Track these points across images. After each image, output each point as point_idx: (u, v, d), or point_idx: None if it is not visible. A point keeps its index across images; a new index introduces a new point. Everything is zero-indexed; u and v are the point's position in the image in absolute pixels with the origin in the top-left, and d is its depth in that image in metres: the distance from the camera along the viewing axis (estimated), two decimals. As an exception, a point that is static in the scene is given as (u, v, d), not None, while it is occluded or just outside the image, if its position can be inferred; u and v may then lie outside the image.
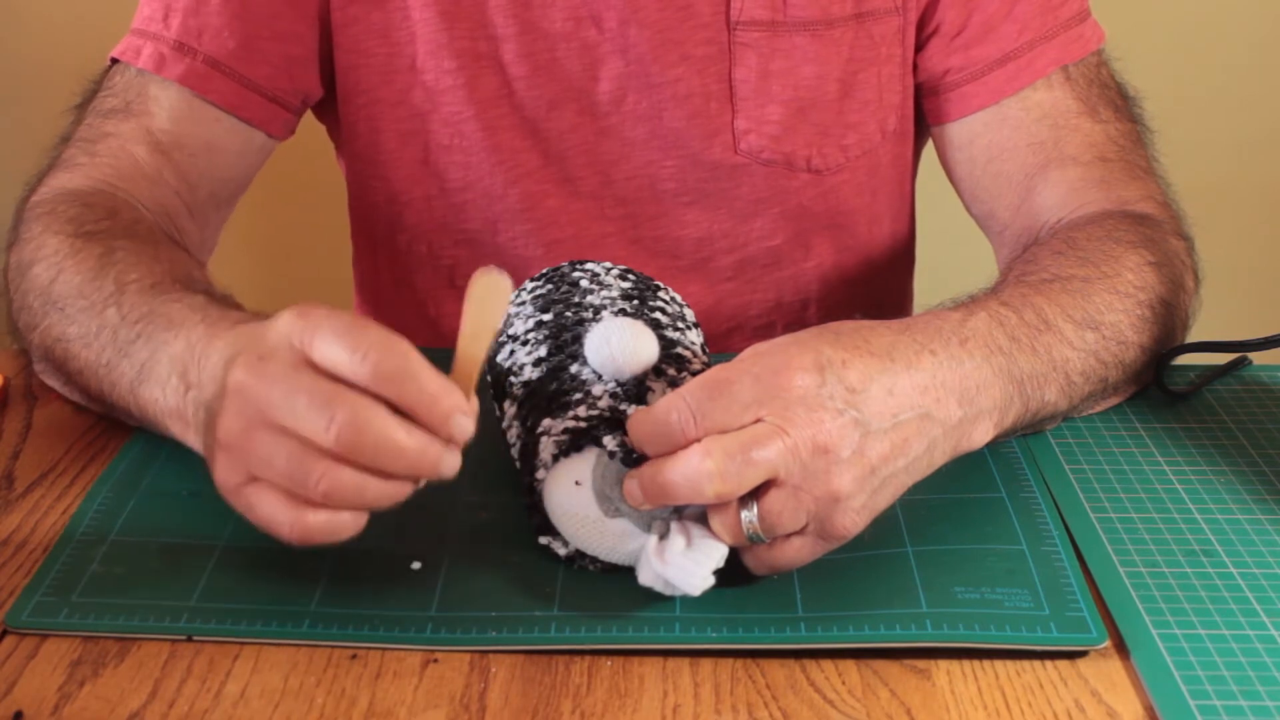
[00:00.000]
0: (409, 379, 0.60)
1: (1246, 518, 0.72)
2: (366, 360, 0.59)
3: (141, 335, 0.73)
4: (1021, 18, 0.95)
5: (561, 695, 0.61)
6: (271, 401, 0.60)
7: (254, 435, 0.61)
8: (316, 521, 0.61)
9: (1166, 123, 1.00)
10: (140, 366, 0.72)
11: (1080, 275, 0.78)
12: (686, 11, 0.96)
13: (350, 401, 0.59)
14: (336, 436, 0.59)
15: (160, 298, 0.74)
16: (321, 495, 0.60)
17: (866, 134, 1.00)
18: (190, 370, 0.69)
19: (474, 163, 0.99)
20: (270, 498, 0.61)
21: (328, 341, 0.60)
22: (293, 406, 0.59)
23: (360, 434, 0.59)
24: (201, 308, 0.72)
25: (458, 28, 0.96)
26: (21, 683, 0.61)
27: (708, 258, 1.02)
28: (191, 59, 0.93)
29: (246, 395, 0.61)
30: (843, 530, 0.63)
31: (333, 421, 0.59)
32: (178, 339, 0.71)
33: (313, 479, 0.59)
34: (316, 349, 0.60)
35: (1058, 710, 0.60)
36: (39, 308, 0.80)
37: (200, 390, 0.68)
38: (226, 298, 0.76)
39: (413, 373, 0.60)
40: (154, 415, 0.72)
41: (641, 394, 0.66)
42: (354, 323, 0.61)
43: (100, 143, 0.92)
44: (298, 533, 0.61)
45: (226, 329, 0.69)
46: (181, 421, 0.70)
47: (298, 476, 0.60)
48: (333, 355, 0.60)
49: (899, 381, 0.65)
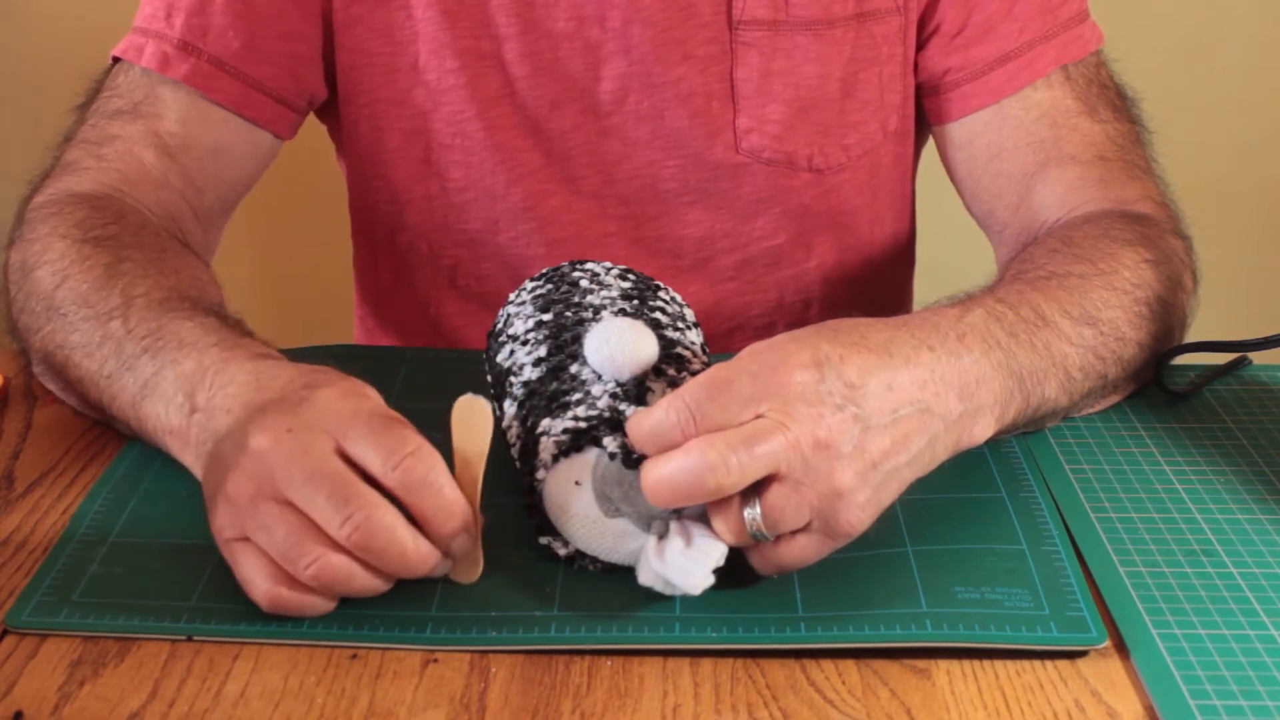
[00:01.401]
0: (432, 492, 0.62)
1: (1246, 518, 0.72)
2: (399, 469, 0.61)
3: (148, 350, 0.73)
4: (1021, 17, 0.96)
5: (561, 695, 0.61)
6: (291, 479, 0.61)
7: (260, 503, 0.62)
8: (288, 597, 0.63)
9: (1166, 123, 1.00)
10: (144, 382, 0.72)
11: (1077, 272, 0.78)
12: (689, 11, 0.96)
13: (369, 503, 0.61)
14: (349, 535, 0.61)
15: (169, 314, 0.75)
16: (309, 577, 0.62)
17: (868, 133, 1.00)
18: (199, 392, 0.69)
19: (475, 162, 0.99)
20: (255, 562, 0.63)
21: (364, 441, 0.62)
22: (312, 493, 0.61)
23: (373, 538, 0.61)
24: (215, 329, 0.73)
25: (460, 27, 0.96)
26: (21, 683, 0.61)
27: (709, 257, 1.02)
28: (196, 59, 0.93)
29: (265, 464, 0.62)
30: (848, 526, 0.63)
31: (349, 520, 0.61)
32: (188, 358, 0.71)
33: (305, 560, 0.61)
34: (350, 443, 0.62)
35: (1058, 710, 0.60)
36: (41, 312, 0.80)
37: (208, 417, 0.68)
38: (239, 322, 0.76)
39: (437, 487, 0.62)
40: (153, 430, 0.73)
41: (641, 394, 0.67)
42: (390, 424, 0.63)
43: (106, 145, 0.91)
44: (269, 601, 0.63)
45: (245, 359, 0.70)
46: (181, 441, 0.71)
47: (292, 554, 0.62)
48: (366, 456, 0.62)
49: (898, 377, 0.65)
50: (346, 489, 0.61)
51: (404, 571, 0.63)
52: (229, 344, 0.71)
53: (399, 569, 0.63)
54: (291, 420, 0.63)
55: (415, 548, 0.62)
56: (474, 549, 0.65)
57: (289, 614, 0.63)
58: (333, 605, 0.64)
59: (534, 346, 0.72)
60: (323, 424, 0.63)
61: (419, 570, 0.63)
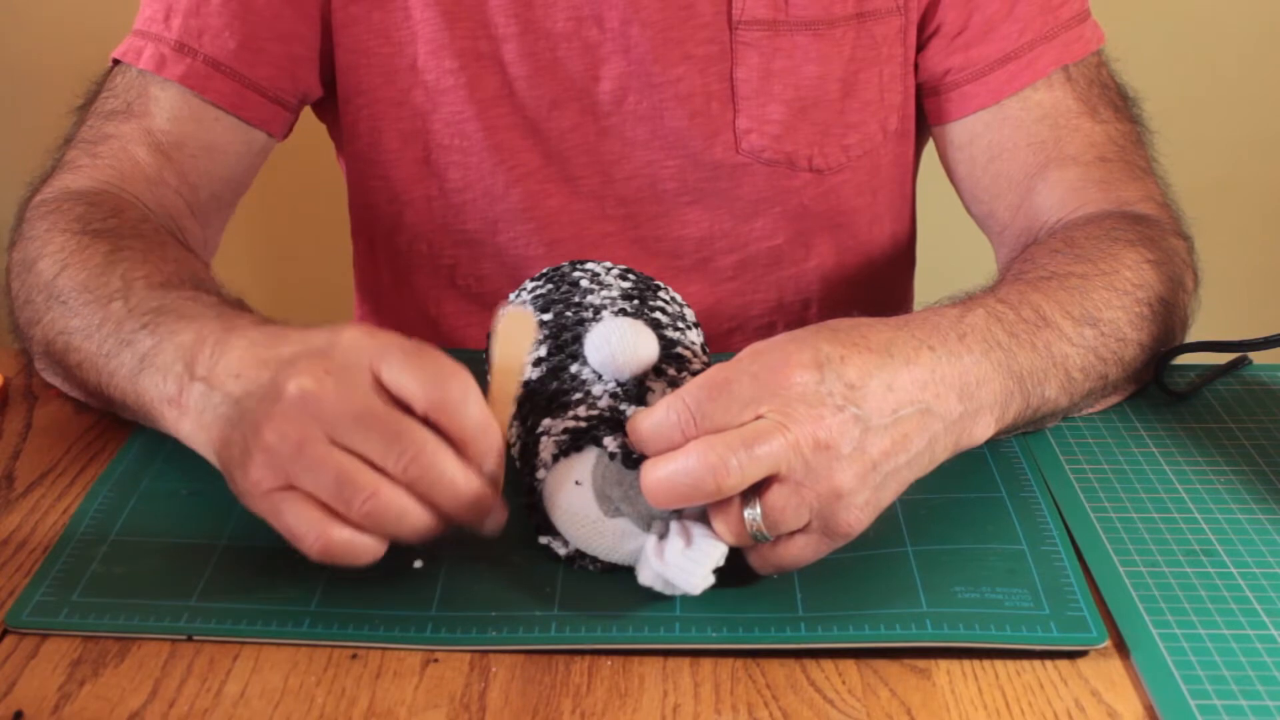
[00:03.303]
0: (466, 414, 0.62)
1: (1246, 518, 0.72)
2: (435, 390, 0.62)
3: (146, 326, 0.73)
4: (1022, 18, 0.96)
5: (561, 695, 0.61)
6: (338, 420, 0.61)
7: (309, 446, 0.61)
8: (341, 537, 0.62)
9: (1166, 123, 1.00)
10: (142, 356, 0.72)
11: (1078, 273, 0.78)
12: (688, 11, 0.96)
13: (420, 438, 0.61)
14: (405, 469, 0.61)
15: (171, 294, 0.74)
16: (362, 515, 0.61)
17: (868, 134, 1.00)
18: (199, 361, 0.69)
19: (475, 163, 0.99)
20: (302, 507, 0.62)
21: (399, 366, 0.62)
22: (364, 430, 0.61)
23: (428, 469, 0.61)
24: (215, 305, 0.73)
25: (459, 27, 0.96)
26: (21, 683, 0.61)
27: (709, 258, 1.03)
28: (192, 59, 0.93)
29: (311, 406, 0.62)
30: (847, 527, 0.63)
31: (403, 454, 0.61)
32: (188, 330, 0.71)
33: (360, 497, 0.61)
34: (388, 372, 0.62)
35: (1058, 710, 0.60)
36: (42, 302, 0.80)
37: (210, 385, 0.68)
38: (239, 300, 0.76)
39: (471, 408, 0.62)
40: (150, 402, 0.72)
41: (641, 394, 0.67)
42: (420, 349, 0.63)
43: (102, 144, 0.92)
44: (320, 545, 0.62)
45: (248, 327, 0.69)
46: (178, 410, 0.70)
47: (345, 494, 0.61)
48: (404, 383, 0.62)
49: (898, 377, 0.65)
50: (397, 424, 0.61)
51: (454, 506, 0.62)
52: (230, 316, 0.71)
53: (451, 500, 0.62)
54: (326, 363, 0.63)
55: (466, 478, 0.62)
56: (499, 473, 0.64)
57: (341, 558, 0.62)
58: (383, 549, 0.63)
59: (534, 346, 0.72)
60: (358, 360, 0.63)
61: (467, 507, 0.62)
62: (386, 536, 0.63)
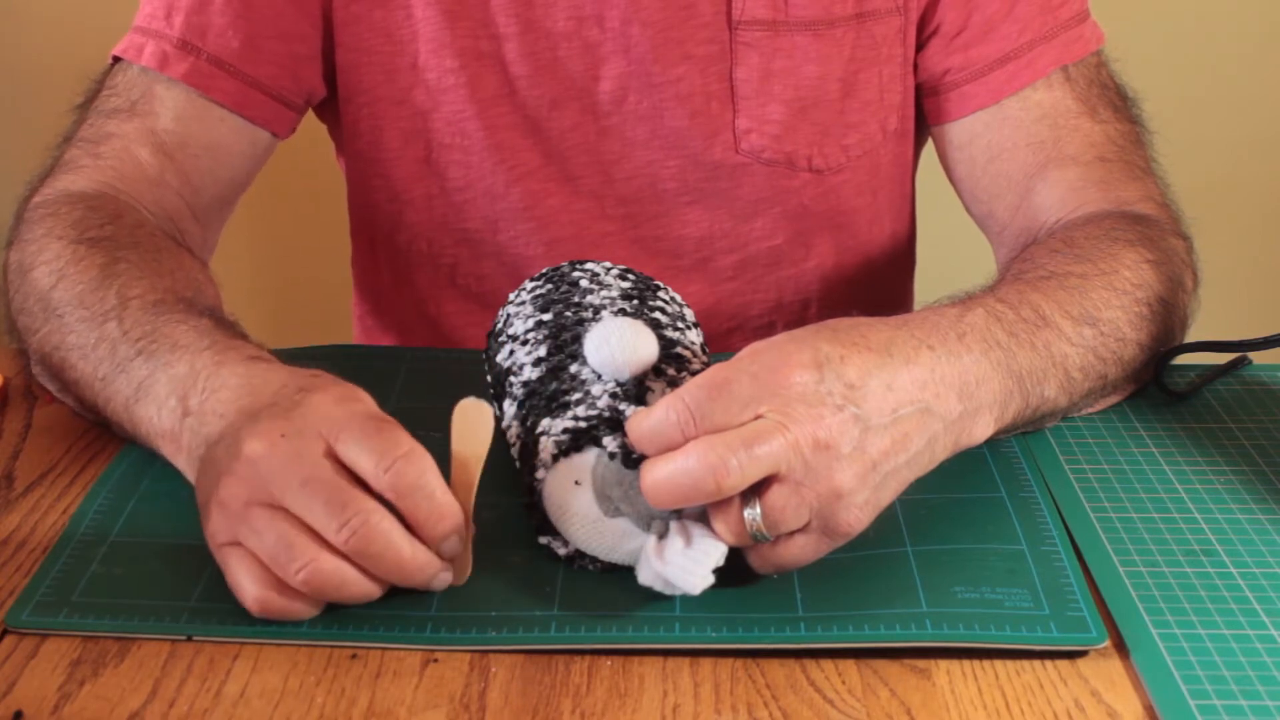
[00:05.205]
0: (424, 495, 0.62)
1: (1246, 518, 0.72)
2: (390, 472, 0.62)
3: (142, 353, 0.73)
4: (1021, 18, 0.96)
5: (561, 695, 0.61)
6: (286, 485, 0.62)
7: (253, 509, 0.62)
8: (279, 603, 0.63)
9: (1166, 123, 1.00)
10: (138, 385, 0.72)
11: (1077, 272, 0.78)
12: (688, 11, 0.96)
13: (365, 509, 0.61)
14: (346, 540, 0.61)
15: (163, 317, 0.75)
16: (300, 582, 0.62)
17: (868, 134, 1.00)
18: (191, 396, 0.69)
19: (475, 162, 0.99)
20: (246, 566, 0.63)
21: (355, 443, 0.62)
22: (308, 499, 0.61)
23: (369, 543, 0.61)
24: (208, 332, 0.73)
25: (460, 27, 0.96)
26: (21, 683, 0.61)
27: (708, 257, 1.02)
28: (195, 58, 0.93)
29: (259, 469, 0.62)
30: (846, 527, 0.63)
31: (345, 525, 0.61)
32: (180, 361, 0.71)
33: (295, 565, 0.61)
34: (342, 446, 0.62)
35: (1058, 710, 0.60)
36: (38, 313, 0.80)
37: (200, 421, 0.68)
38: (233, 324, 0.76)
39: (428, 489, 0.62)
40: (146, 433, 0.73)
41: (641, 394, 0.67)
42: (381, 427, 0.63)
43: (103, 144, 0.91)
44: (258, 606, 0.63)
45: (237, 362, 0.70)
46: (174, 444, 0.71)
47: (282, 559, 0.62)
48: (357, 458, 0.62)
49: (898, 377, 0.65)
50: (342, 494, 0.61)
51: (400, 577, 0.63)
52: (222, 347, 0.71)
53: (395, 574, 0.63)
54: (285, 425, 0.63)
55: (412, 553, 0.62)
56: (464, 553, 0.65)
57: (277, 619, 0.63)
58: (317, 611, 0.64)
59: (534, 346, 0.72)
60: (315, 428, 0.63)
61: (414, 577, 0.63)
62: (327, 601, 0.63)
